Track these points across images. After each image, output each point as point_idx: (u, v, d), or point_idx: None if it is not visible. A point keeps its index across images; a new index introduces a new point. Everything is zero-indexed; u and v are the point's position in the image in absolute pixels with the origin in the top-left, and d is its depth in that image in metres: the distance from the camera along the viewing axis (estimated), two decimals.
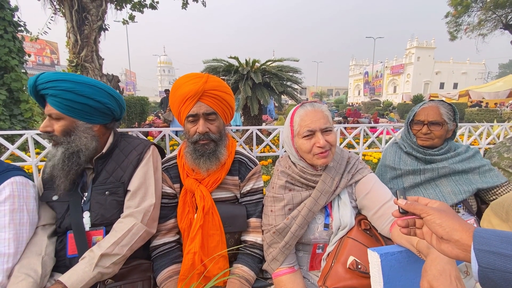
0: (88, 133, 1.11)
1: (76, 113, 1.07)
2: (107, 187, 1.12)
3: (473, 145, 2.61)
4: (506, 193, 1.31)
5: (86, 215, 1.10)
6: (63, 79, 1.03)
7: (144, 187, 1.14)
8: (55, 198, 1.11)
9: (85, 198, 1.12)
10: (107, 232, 1.10)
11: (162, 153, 1.38)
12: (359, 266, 0.99)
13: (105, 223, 1.10)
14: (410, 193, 1.38)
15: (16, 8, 4.42)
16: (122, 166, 1.16)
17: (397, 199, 0.68)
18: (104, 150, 1.15)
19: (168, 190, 1.25)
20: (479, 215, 1.36)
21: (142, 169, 1.16)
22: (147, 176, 1.16)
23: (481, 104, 17.52)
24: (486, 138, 2.51)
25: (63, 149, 1.06)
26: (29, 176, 1.15)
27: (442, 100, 1.41)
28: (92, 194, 1.11)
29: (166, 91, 9.03)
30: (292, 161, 1.22)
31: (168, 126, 7.20)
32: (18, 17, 4.50)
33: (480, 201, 1.39)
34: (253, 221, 1.26)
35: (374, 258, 0.84)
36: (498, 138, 2.53)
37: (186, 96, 1.13)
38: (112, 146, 1.17)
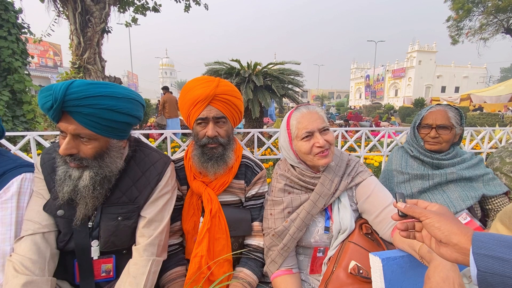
0: (121, 152, 0.98)
1: (113, 132, 0.90)
2: (119, 211, 0.98)
3: (475, 149, 2.60)
4: (502, 204, 1.33)
5: (95, 244, 0.98)
6: (103, 95, 0.84)
7: (161, 215, 1.04)
8: (60, 213, 0.95)
9: (92, 223, 0.98)
10: (117, 260, 1.02)
11: None
12: (361, 271, 0.98)
13: (114, 251, 1.01)
14: (417, 198, 1.37)
15: (20, 10, 4.46)
16: (137, 185, 1.02)
17: (396, 202, 0.68)
18: (120, 166, 0.99)
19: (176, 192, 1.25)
20: (482, 221, 1.35)
21: (161, 193, 1.05)
22: (165, 201, 1.06)
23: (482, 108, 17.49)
24: (488, 143, 2.50)
25: (93, 174, 0.90)
26: None
27: (449, 105, 1.40)
28: (102, 217, 0.98)
29: (164, 88, 7.82)
30: (291, 164, 1.22)
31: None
32: (22, 19, 4.55)
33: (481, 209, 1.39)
34: (256, 225, 1.25)
35: (375, 263, 0.84)
36: (500, 142, 2.52)
37: (196, 99, 1.13)
38: (128, 159, 1.04)
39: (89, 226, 0.99)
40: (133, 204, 1.00)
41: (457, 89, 45.50)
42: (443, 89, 45.98)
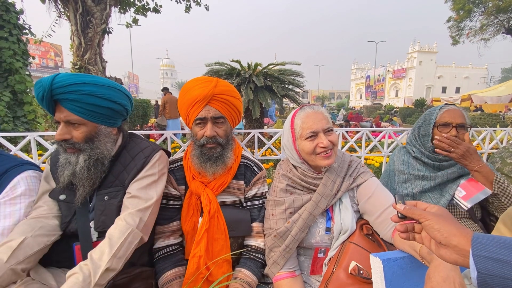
0: (110, 138, 1.08)
1: (99, 117, 1.02)
2: (107, 191, 1.07)
3: (476, 150, 2.60)
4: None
5: (92, 225, 1.05)
6: (84, 82, 0.96)
7: (145, 193, 1.07)
8: (62, 197, 1.05)
9: (90, 205, 1.07)
10: None
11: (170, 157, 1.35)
12: (361, 272, 0.98)
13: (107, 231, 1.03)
14: (418, 198, 1.37)
15: (21, 11, 4.47)
16: (127, 168, 1.11)
17: (396, 204, 0.68)
18: (113, 153, 1.09)
19: (173, 191, 1.25)
20: (483, 221, 1.35)
21: (146, 174, 1.10)
22: (150, 181, 1.10)
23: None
24: (489, 143, 2.50)
25: (86, 157, 1.00)
26: (42, 170, 1.16)
27: (454, 105, 1.40)
28: (96, 200, 1.06)
29: (165, 89, 7.89)
30: (293, 165, 1.22)
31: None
32: (23, 20, 4.56)
33: (481, 208, 1.38)
34: (256, 225, 1.25)
35: (376, 264, 0.84)
36: (501, 143, 2.52)
37: (195, 99, 1.14)
38: (121, 148, 1.14)
39: (88, 210, 1.06)
40: (121, 185, 1.08)
41: (457, 90, 45.47)
42: (444, 90, 45.95)
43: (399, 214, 0.67)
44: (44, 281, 0.96)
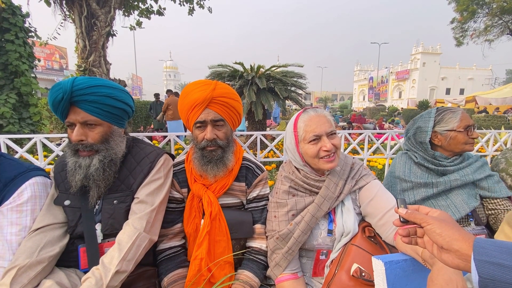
0: (122, 138, 1.12)
1: (114, 118, 1.08)
2: (116, 195, 1.09)
3: (480, 152, 2.57)
4: (505, 207, 1.27)
5: (98, 227, 1.07)
6: (101, 85, 1.03)
7: (152, 198, 1.10)
8: (67, 203, 1.07)
9: (97, 207, 1.10)
10: None
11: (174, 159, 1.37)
12: (363, 274, 0.98)
13: (115, 233, 1.06)
14: (421, 204, 1.33)
15: (27, 15, 4.54)
16: (133, 173, 1.13)
17: (398, 208, 0.68)
18: (123, 151, 1.13)
19: (176, 195, 1.26)
20: (488, 227, 1.33)
21: (152, 178, 1.13)
22: (157, 186, 1.13)
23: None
24: (493, 145, 2.48)
25: (101, 157, 1.03)
26: (49, 176, 1.17)
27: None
28: (103, 203, 1.09)
29: (157, 95, 8.91)
30: (295, 167, 1.22)
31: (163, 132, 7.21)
32: (29, 23, 4.62)
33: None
34: (258, 227, 1.26)
35: (378, 266, 0.84)
36: (506, 145, 2.49)
37: (194, 103, 1.15)
38: (126, 152, 1.16)
39: (94, 216, 1.08)
40: (129, 190, 1.11)
41: (462, 91, 45.17)
42: (448, 91, 45.67)
43: (401, 219, 0.67)
44: (57, 279, 0.99)
